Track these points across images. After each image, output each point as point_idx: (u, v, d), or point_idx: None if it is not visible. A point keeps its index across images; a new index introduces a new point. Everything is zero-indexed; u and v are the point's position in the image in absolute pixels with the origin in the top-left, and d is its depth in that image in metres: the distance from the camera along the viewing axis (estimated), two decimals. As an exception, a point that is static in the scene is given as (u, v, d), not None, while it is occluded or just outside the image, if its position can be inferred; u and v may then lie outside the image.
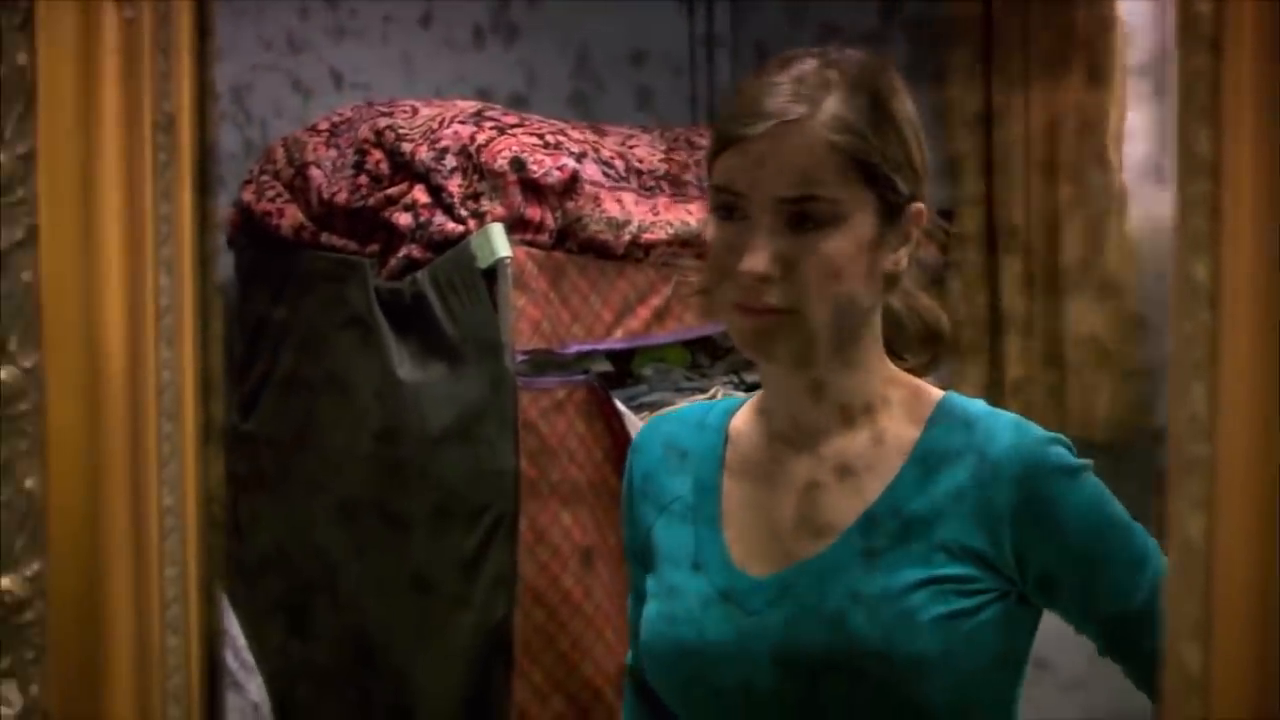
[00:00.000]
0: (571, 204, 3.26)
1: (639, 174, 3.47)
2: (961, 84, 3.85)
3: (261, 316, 3.62)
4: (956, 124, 3.88)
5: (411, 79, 4.03)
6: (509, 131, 3.30)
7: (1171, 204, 0.79)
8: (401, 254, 3.30)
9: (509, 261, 3.15)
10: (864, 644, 1.47)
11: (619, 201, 3.32)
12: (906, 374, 1.61)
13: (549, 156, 3.25)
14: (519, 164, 3.21)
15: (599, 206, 3.28)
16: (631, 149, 3.53)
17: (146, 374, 1.11)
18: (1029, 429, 1.54)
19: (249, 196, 3.64)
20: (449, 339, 3.22)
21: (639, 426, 2.50)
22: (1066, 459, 1.52)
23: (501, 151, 3.23)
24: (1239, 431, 0.78)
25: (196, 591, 1.15)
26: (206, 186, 1.13)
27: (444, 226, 3.23)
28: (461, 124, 3.33)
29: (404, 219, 3.29)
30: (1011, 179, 3.86)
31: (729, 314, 1.51)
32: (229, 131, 3.78)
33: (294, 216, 3.53)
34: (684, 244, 3.33)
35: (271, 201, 3.59)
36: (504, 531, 3.16)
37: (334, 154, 3.51)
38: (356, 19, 4.05)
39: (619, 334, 3.34)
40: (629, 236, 3.31)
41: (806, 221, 1.46)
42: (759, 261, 1.45)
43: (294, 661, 3.54)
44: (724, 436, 1.65)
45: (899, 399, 1.58)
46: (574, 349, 3.27)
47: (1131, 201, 3.71)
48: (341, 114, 3.63)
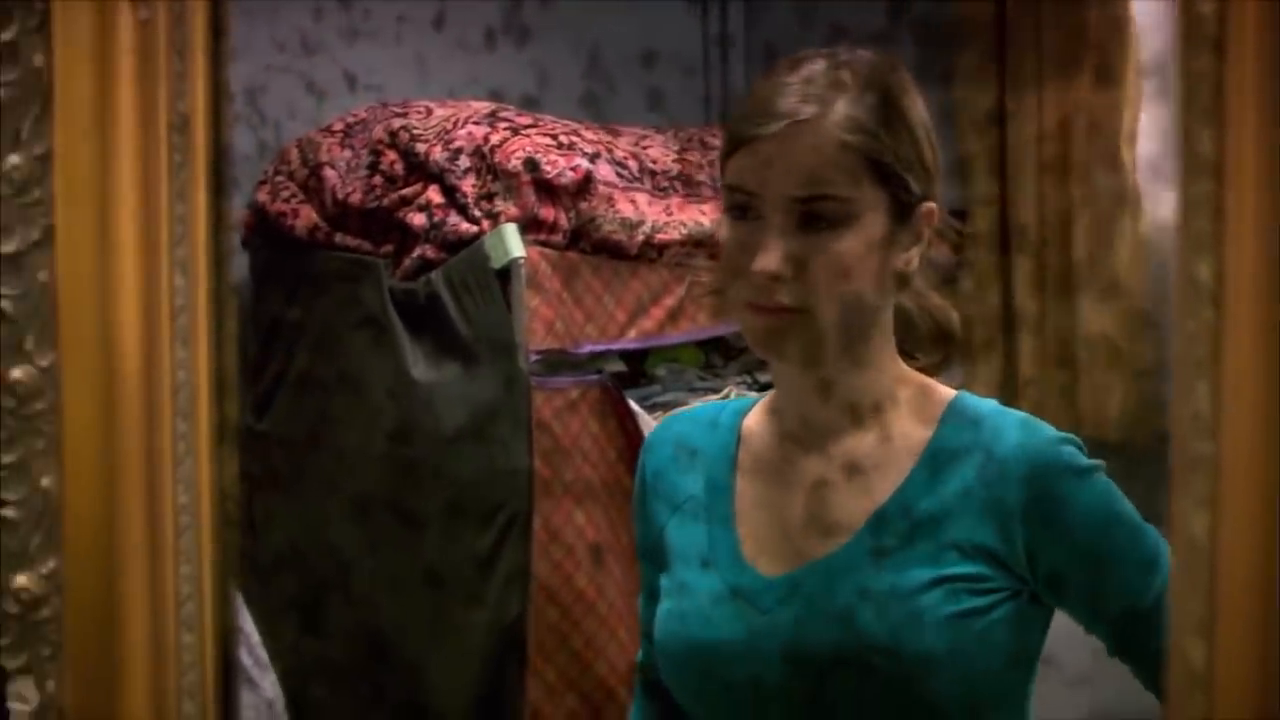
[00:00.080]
0: (585, 204, 3.26)
1: (652, 174, 3.47)
2: (973, 84, 3.85)
3: (276, 316, 3.63)
4: (968, 124, 3.88)
5: (424, 80, 4.04)
6: (523, 132, 3.31)
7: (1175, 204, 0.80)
8: (416, 254, 3.30)
9: (523, 262, 3.16)
10: (873, 640, 1.48)
11: (633, 202, 3.33)
12: (918, 374, 1.61)
13: (563, 157, 3.26)
14: (533, 164, 3.21)
15: (613, 207, 3.29)
16: (645, 149, 3.53)
17: (162, 373, 1.12)
18: (1038, 427, 1.55)
19: (264, 197, 3.64)
20: (463, 339, 3.22)
21: (652, 426, 2.51)
22: (1077, 458, 1.52)
23: (515, 152, 3.23)
24: (1242, 429, 0.79)
25: (211, 589, 1.15)
26: (221, 187, 1.13)
27: (458, 227, 3.23)
28: (475, 124, 3.33)
29: (418, 219, 3.30)
30: (1024, 179, 3.86)
31: (741, 313, 1.52)
32: (243, 133, 3.79)
33: (308, 217, 3.54)
34: (697, 244, 3.33)
35: (286, 202, 3.59)
36: (518, 531, 3.17)
37: (348, 154, 3.52)
38: (370, 21, 4.06)
39: (632, 334, 3.34)
40: (642, 237, 3.31)
41: (818, 221, 1.47)
42: (771, 261, 1.46)
43: (308, 659, 3.54)
44: (737, 436, 1.66)
45: (910, 398, 1.58)
46: (587, 349, 3.27)
47: (1144, 201, 3.71)
48: (356, 115, 3.64)
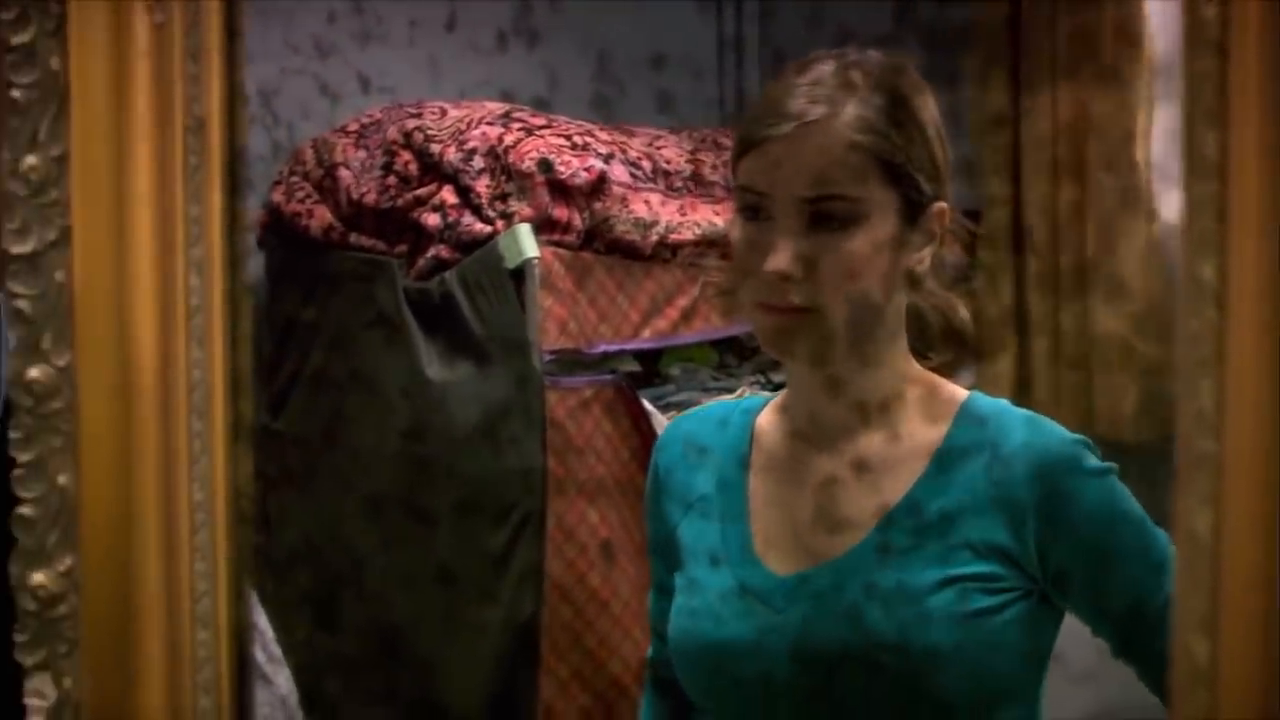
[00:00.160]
0: (599, 205, 3.26)
1: (666, 175, 3.47)
2: (986, 84, 3.86)
3: (291, 316, 3.64)
4: (981, 124, 3.88)
5: (436, 82, 4.05)
6: (537, 133, 3.31)
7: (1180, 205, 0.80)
8: (430, 254, 3.31)
9: (536, 262, 3.16)
10: (881, 638, 1.48)
11: (646, 202, 3.33)
12: (931, 373, 1.61)
13: (576, 157, 3.26)
14: (547, 165, 3.22)
15: (626, 207, 3.29)
16: (659, 150, 3.54)
17: (177, 373, 1.13)
18: (1046, 425, 1.55)
19: (279, 197, 3.66)
20: (477, 338, 3.23)
21: (666, 425, 2.51)
22: (1087, 458, 1.53)
23: (529, 152, 3.24)
24: (1246, 428, 0.79)
25: (226, 586, 1.16)
26: (236, 188, 1.14)
27: (472, 227, 3.24)
28: (490, 125, 3.34)
29: (432, 219, 3.30)
30: (1037, 179, 3.86)
31: (752, 312, 1.53)
32: (258, 134, 3.80)
33: (323, 217, 3.55)
34: (711, 244, 3.33)
35: (301, 202, 3.60)
36: (531, 529, 3.17)
37: (363, 155, 3.53)
38: (382, 24, 4.07)
39: (646, 334, 3.34)
40: (656, 237, 3.31)
41: (829, 221, 1.47)
42: (781, 261, 1.47)
43: (322, 655, 3.56)
44: (749, 434, 1.66)
45: (922, 398, 1.59)
46: (601, 349, 3.27)
47: (1156, 201, 3.71)
48: (370, 115, 3.65)
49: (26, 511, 1.12)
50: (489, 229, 3.22)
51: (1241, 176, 0.78)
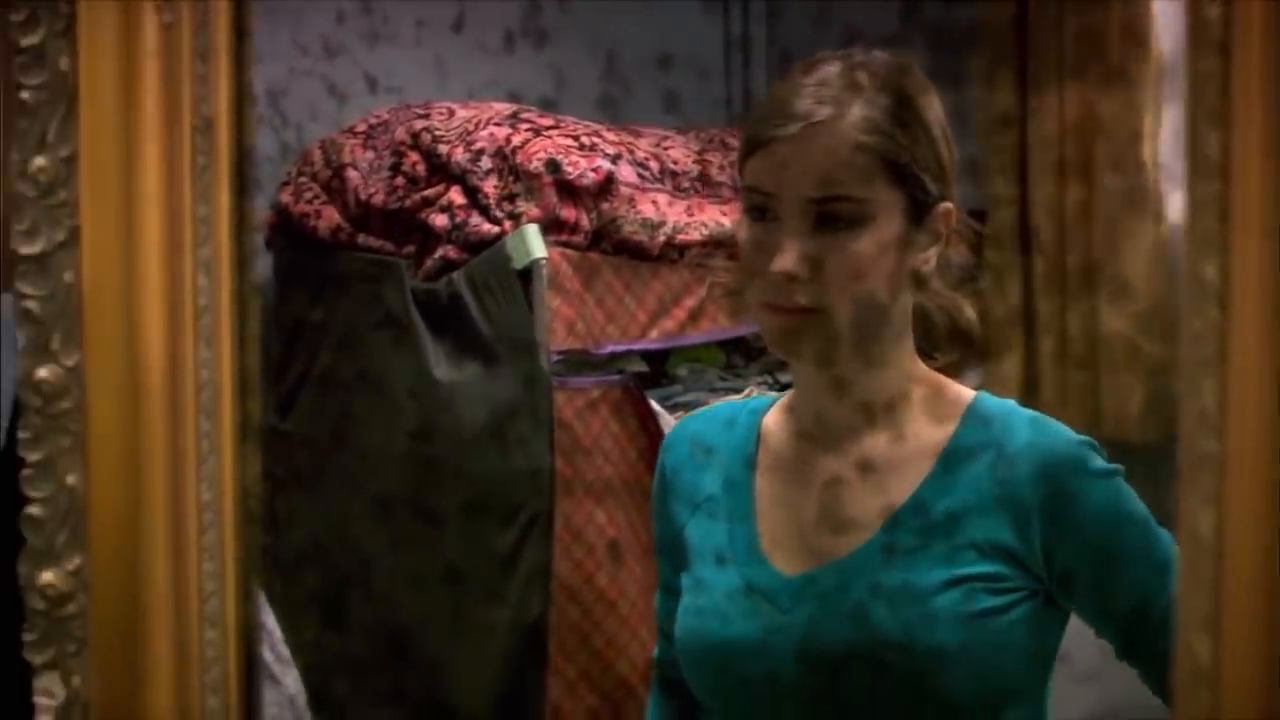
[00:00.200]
0: (606, 205, 3.27)
1: (673, 175, 3.47)
2: (993, 84, 3.86)
3: (299, 317, 3.64)
4: (989, 124, 3.88)
5: (444, 82, 4.05)
6: (544, 133, 3.31)
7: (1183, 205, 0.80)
8: (438, 255, 3.31)
9: (544, 262, 3.16)
10: (886, 636, 1.48)
11: (654, 203, 3.33)
12: (937, 374, 1.61)
13: (584, 158, 3.26)
14: (554, 165, 3.22)
15: (634, 207, 3.29)
16: (666, 150, 3.54)
17: (185, 373, 1.13)
18: (1051, 425, 1.55)
19: (287, 198, 3.66)
20: (484, 339, 3.23)
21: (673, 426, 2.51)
22: (1092, 459, 1.53)
23: (537, 153, 3.24)
24: (1248, 427, 0.80)
25: (234, 586, 1.16)
26: (244, 188, 1.15)
27: (480, 227, 3.24)
28: (497, 126, 3.34)
29: (440, 220, 3.31)
30: (1044, 179, 3.86)
31: (759, 313, 1.53)
32: (266, 135, 3.81)
33: (331, 218, 3.55)
34: (718, 245, 3.33)
35: (309, 203, 3.60)
36: (539, 530, 3.18)
37: (371, 155, 3.53)
38: (390, 24, 4.07)
39: (654, 334, 3.34)
40: (664, 237, 3.31)
41: (834, 221, 1.48)
42: (787, 261, 1.47)
43: (330, 656, 3.56)
44: (756, 434, 1.66)
45: (928, 398, 1.59)
46: (609, 349, 3.27)
47: (1164, 201, 3.70)
48: (378, 116, 3.65)
49: (35, 511, 1.12)
50: (497, 229, 3.22)
51: (1244, 176, 0.78)
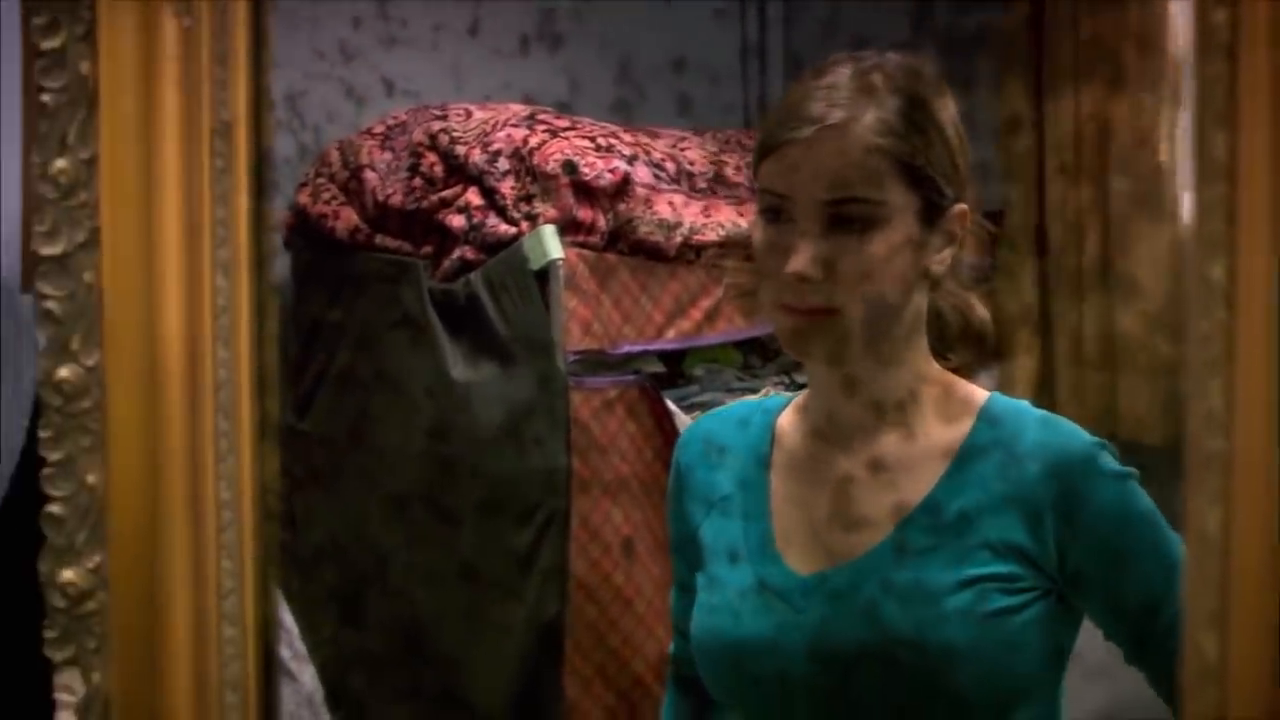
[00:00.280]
0: (623, 206, 3.27)
1: (689, 176, 3.48)
2: (1009, 86, 3.86)
3: (317, 317, 3.65)
4: (1004, 126, 3.88)
5: (460, 86, 4.06)
6: (561, 134, 3.32)
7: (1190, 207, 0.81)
8: (455, 255, 3.32)
9: (561, 263, 3.17)
10: (897, 634, 1.49)
11: (670, 203, 3.34)
12: (951, 374, 1.62)
13: (601, 159, 3.27)
14: (571, 166, 3.23)
15: (650, 208, 3.30)
16: (682, 151, 3.54)
17: (204, 372, 1.14)
18: (1061, 425, 1.56)
19: (305, 199, 3.67)
20: (501, 339, 3.24)
21: (689, 426, 2.52)
22: (1105, 460, 1.53)
23: (554, 154, 3.25)
24: (1255, 427, 0.80)
25: (252, 583, 1.17)
26: (262, 190, 1.15)
27: (497, 228, 3.25)
28: (514, 127, 3.35)
29: (457, 221, 3.32)
30: (1059, 181, 3.86)
31: (773, 314, 1.53)
32: (284, 138, 3.82)
33: (349, 218, 3.56)
34: (735, 245, 3.32)
35: (327, 204, 3.62)
36: (556, 529, 3.18)
37: (389, 157, 3.54)
38: (407, 28, 4.09)
39: (670, 334, 3.35)
40: (680, 238, 3.32)
41: (848, 223, 1.48)
42: (801, 263, 1.47)
43: (347, 653, 3.57)
44: (770, 434, 1.67)
45: (942, 399, 1.59)
46: (625, 349, 3.28)
47: (1179, 203, 3.70)
48: (396, 117, 3.66)
49: (56, 510, 1.13)
50: (514, 230, 3.23)
51: (1251, 179, 0.78)
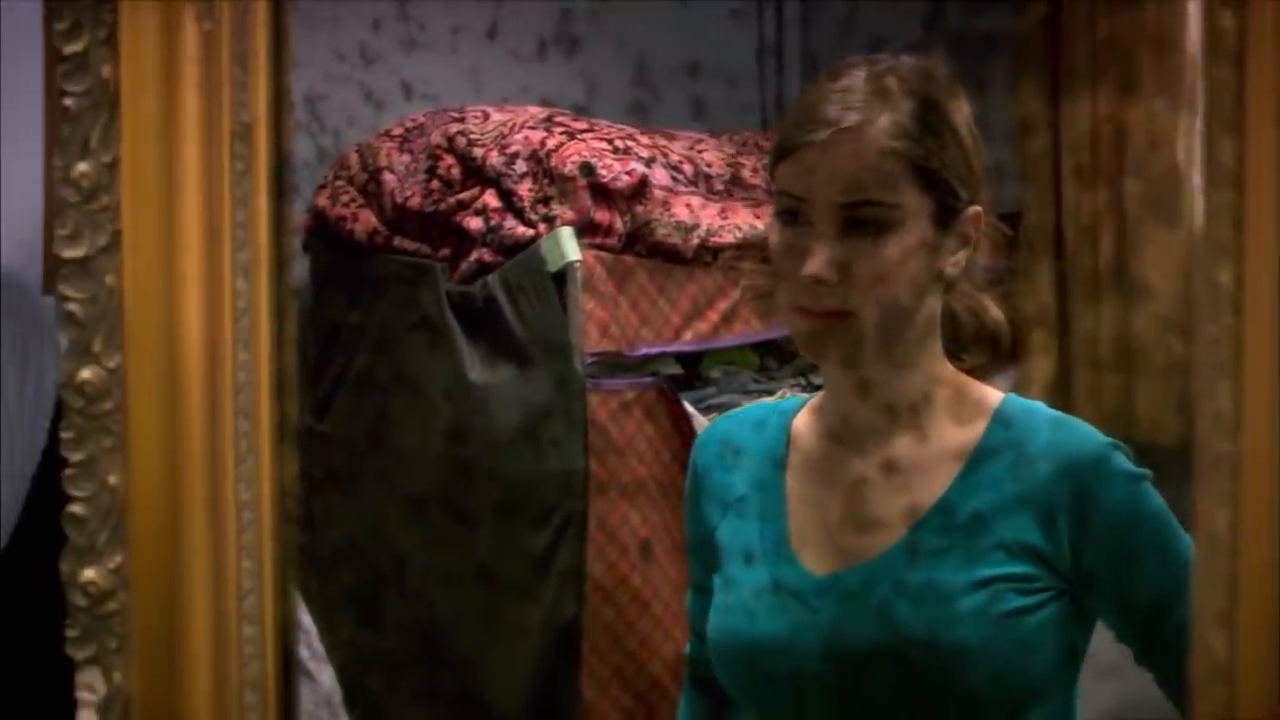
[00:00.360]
0: (640, 208, 3.27)
1: (707, 178, 3.48)
2: (1026, 88, 3.85)
3: (335, 319, 3.66)
4: (1021, 128, 3.88)
5: (478, 89, 4.07)
6: (579, 136, 3.32)
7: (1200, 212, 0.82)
8: (473, 258, 3.32)
9: (578, 265, 3.17)
10: (910, 634, 1.49)
11: (687, 205, 3.34)
12: (966, 376, 1.62)
13: (618, 161, 3.27)
14: (589, 169, 3.23)
15: (668, 210, 3.30)
16: (700, 153, 3.55)
17: (224, 374, 1.15)
18: (1078, 428, 1.56)
19: (324, 201, 3.68)
20: (519, 341, 3.24)
21: (705, 428, 2.52)
22: (1117, 461, 1.53)
23: (571, 156, 3.25)
24: (1262, 429, 0.81)
25: (271, 584, 1.18)
26: (282, 193, 1.16)
27: (514, 230, 3.26)
28: (532, 129, 3.35)
29: (475, 223, 3.32)
30: (1076, 183, 3.85)
31: (789, 316, 1.54)
32: (303, 140, 3.83)
33: (368, 221, 3.57)
34: (752, 247, 3.32)
35: (346, 206, 3.62)
36: (573, 530, 3.19)
37: (407, 159, 3.55)
38: (426, 32, 4.09)
39: (688, 336, 3.35)
40: (698, 240, 3.32)
41: (864, 226, 1.49)
42: (817, 265, 1.48)
43: (365, 654, 3.58)
44: (786, 435, 1.67)
45: (956, 401, 1.59)
46: (642, 351, 3.28)
47: (1196, 206, 3.70)
48: (414, 120, 3.66)
49: (77, 510, 1.14)
50: (531, 232, 3.23)
51: (1258, 184, 0.79)
